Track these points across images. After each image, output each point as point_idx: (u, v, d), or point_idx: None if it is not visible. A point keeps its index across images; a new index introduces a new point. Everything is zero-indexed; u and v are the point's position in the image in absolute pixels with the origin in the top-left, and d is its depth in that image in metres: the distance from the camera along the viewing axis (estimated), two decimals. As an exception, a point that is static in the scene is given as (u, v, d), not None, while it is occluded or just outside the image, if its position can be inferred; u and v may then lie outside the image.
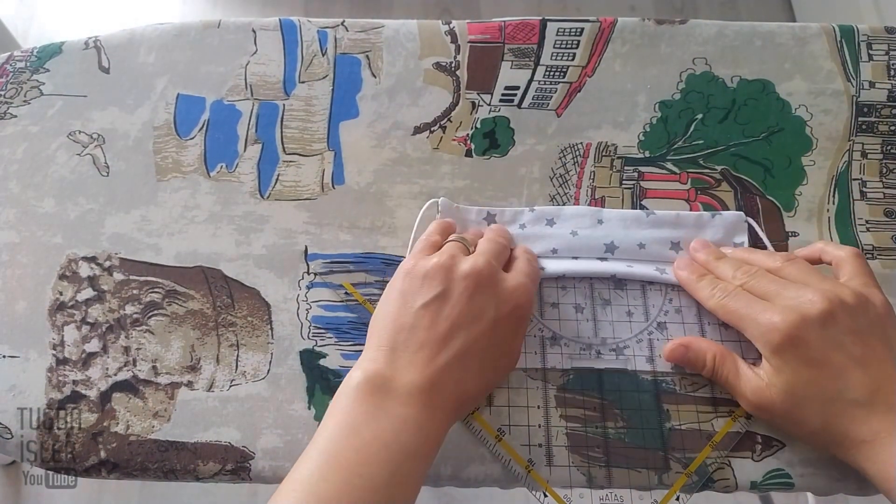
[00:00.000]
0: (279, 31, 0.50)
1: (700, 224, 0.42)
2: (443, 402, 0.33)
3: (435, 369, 0.33)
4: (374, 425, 0.31)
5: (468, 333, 0.34)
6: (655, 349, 0.39)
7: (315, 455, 0.30)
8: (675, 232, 0.41)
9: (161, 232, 0.43)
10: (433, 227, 0.40)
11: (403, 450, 0.30)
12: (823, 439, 0.33)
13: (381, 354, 0.34)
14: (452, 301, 0.34)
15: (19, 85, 0.48)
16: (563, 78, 0.48)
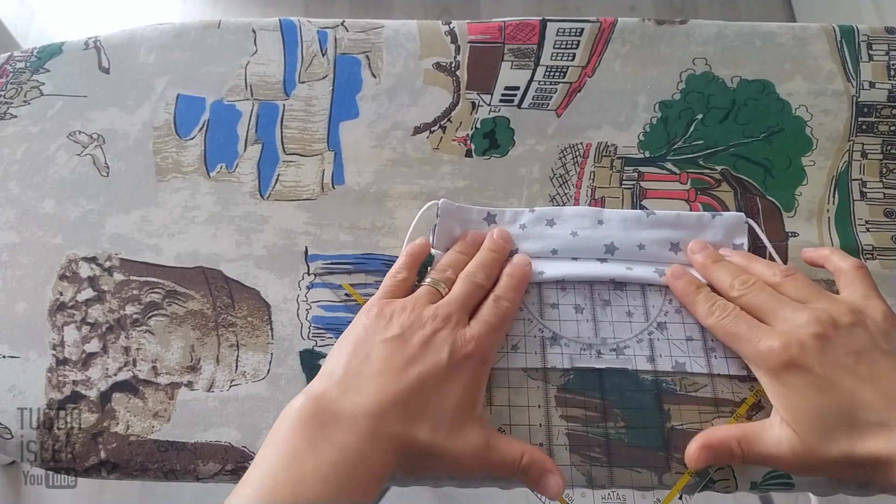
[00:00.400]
0: (279, 31, 0.50)
1: (700, 225, 0.42)
2: (388, 436, 0.31)
3: (385, 397, 0.32)
4: (315, 455, 0.30)
5: (422, 371, 0.33)
6: (656, 349, 0.39)
7: (251, 491, 0.29)
8: (675, 233, 0.41)
9: (161, 232, 0.43)
10: (401, 263, 0.40)
11: (340, 485, 0.29)
12: (855, 470, 0.32)
13: (332, 379, 0.33)
14: (411, 342, 0.34)
15: (19, 85, 0.48)
16: (563, 78, 0.48)
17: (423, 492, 0.97)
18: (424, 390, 0.33)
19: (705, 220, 0.42)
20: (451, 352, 0.34)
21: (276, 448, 0.31)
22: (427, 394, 0.33)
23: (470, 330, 0.36)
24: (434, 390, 0.33)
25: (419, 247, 0.41)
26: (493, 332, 0.36)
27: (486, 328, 0.36)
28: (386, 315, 0.36)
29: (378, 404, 0.32)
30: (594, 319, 0.40)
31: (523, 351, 0.39)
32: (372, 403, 0.32)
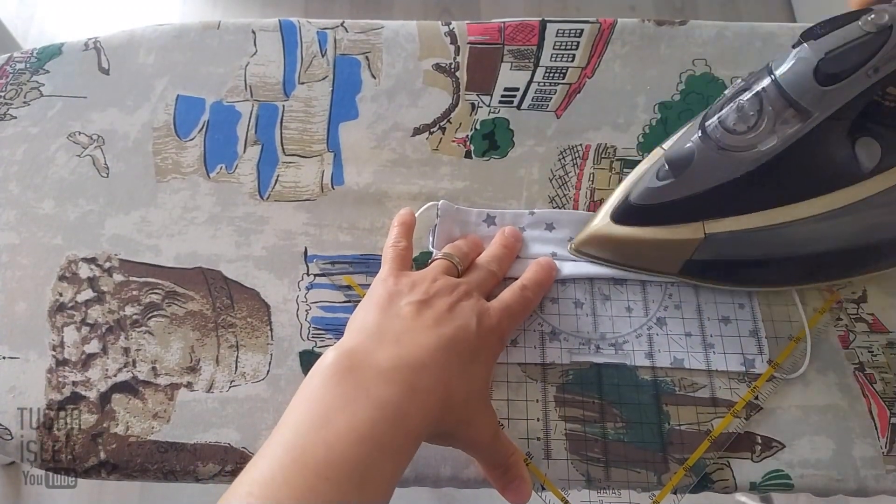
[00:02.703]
0: (279, 32, 0.50)
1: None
2: (428, 389, 0.29)
3: (420, 349, 0.31)
4: (350, 412, 0.27)
5: (454, 333, 0.32)
6: (655, 344, 0.39)
7: (279, 451, 0.27)
8: None
9: (161, 233, 0.43)
10: (397, 233, 0.39)
11: (379, 445, 0.27)
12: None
13: (362, 335, 0.32)
14: (437, 306, 0.34)
15: (19, 86, 0.49)
16: (562, 79, 0.48)
17: (422, 492, 0.97)
18: (460, 352, 0.32)
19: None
20: (479, 321, 0.34)
21: (306, 406, 0.28)
22: (462, 356, 0.32)
23: (493, 307, 0.35)
24: (466, 356, 0.32)
25: (408, 214, 0.40)
26: (512, 318, 0.36)
27: (507, 311, 0.36)
28: (406, 283, 0.35)
29: (418, 357, 0.30)
30: (594, 314, 0.40)
31: (522, 345, 0.39)
32: (412, 356, 0.30)
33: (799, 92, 0.32)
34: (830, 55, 0.31)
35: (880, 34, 0.30)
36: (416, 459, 0.36)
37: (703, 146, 0.34)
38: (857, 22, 0.31)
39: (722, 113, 0.34)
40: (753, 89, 0.33)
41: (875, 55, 0.30)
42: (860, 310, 0.40)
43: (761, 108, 0.33)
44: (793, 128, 0.32)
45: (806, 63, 0.31)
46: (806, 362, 0.38)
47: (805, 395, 0.38)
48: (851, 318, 0.40)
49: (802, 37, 0.32)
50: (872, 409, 0.37)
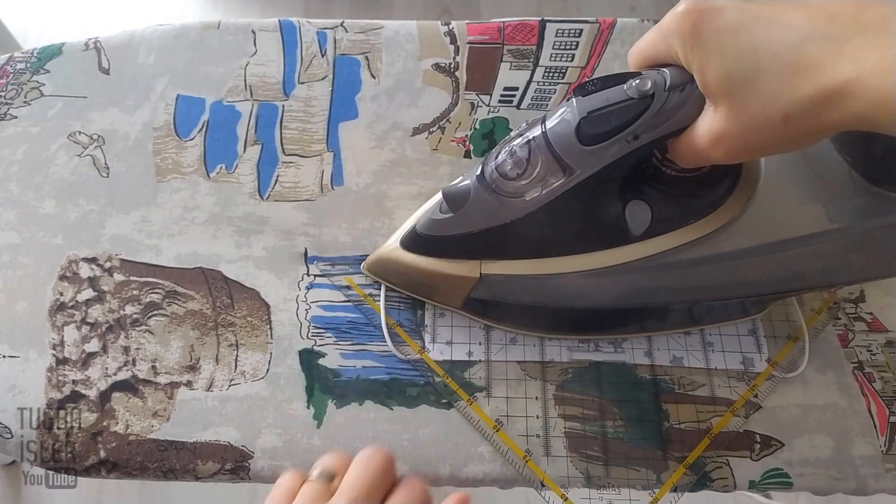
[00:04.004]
0: (279, 31, 0.50)
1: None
2: None
3: None
4: None
5: None
6: (654, 342, 0.39)
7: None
8: None
9: (161, 233, 0.43)
10: (286, 479, 0.29)
11: None
12: (797, 124, 0.25)
13: None
14: None
15: (20, 86, 0.49)
16: (562, 79, 0.48)
17: (422, 492, 0.97)
18: None
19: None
20: None
21: None
22: None
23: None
24: None
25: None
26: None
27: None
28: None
29: None
30: (593, 314, 0.40)
31: (521, 343, 0.39)
32: None
33: (562, 147, 0.31)
34: (592, 115, 0.30)
35: (641, 101, 0.29)
36: (414, 457, 0.36)
37: (478, 186, 0.34)
38: (622, 85, 0.30)
39: (499, 156, 0.33)
40: (526, 136, 0.32)
41: (635, 122, 0.29)
42: (859, 309, 0.40)
43: (530, 157, 0.32)
44: (558, 181, 0.32)
45: (569, 120, 0.31)
46: (804, 361, 0.38)
47: (804, 393, 0.38)
48: (850, 317, 0.40)
49: (574, 91, 0.31)
50: (871, 408, 0.38)
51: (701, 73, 0.27)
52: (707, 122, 0.28)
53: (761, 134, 0.26)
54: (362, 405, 0.38)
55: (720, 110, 0.27)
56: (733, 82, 0.26)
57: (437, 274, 0.37)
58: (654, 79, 0.29)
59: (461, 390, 0.38)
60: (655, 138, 0.30)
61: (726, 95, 0.26)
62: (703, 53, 0.26)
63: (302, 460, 0.36)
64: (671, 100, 0.29)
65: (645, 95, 0.29)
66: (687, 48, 0.27)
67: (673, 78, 0.29)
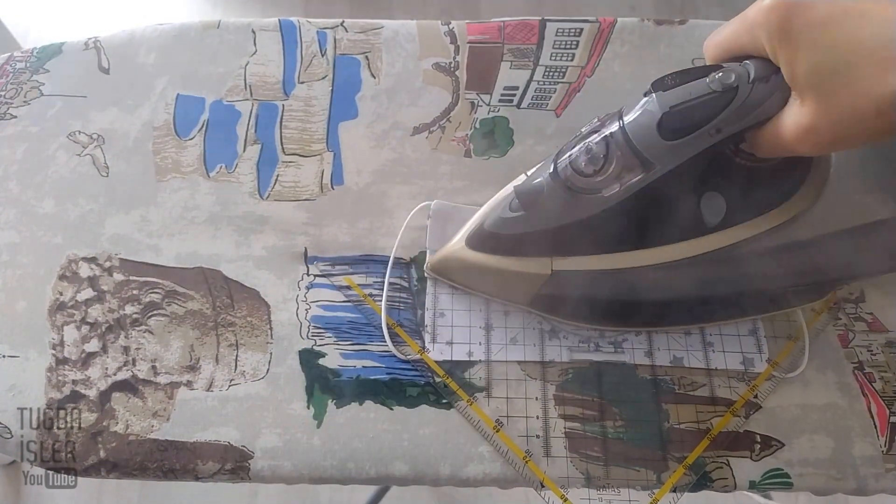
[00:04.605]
0: (279, 31, 0.50)
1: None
2: None
3: None
4: None
5: None
6: (654, 342, 0.39)
7: None
8: None
9: (161, 233, 0.43)
10: None
11: None
12: (889, 117, 0.25)
13: None
14: None
15: (19, 85, 0.49)
16: (562, 78, 0.48)
17: (422, 491, 0.97)
18: None
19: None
20: None
21: None
22: None
23: None
24: None
25: None
26: None
27: None
28: None
29: None
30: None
31: (522, 343, 0.39)
32: None
33: (642, 143, 0.31)
34: (675, 110, 0.30)
35: (725, 94, 0.29)
36: (414, 457, 0.36)
37: (552, 184, 0.34)
38: (704, 79, 0.29)
39: (573, 152, 0.33)
40: (602, 133, 0.32)
41: (718, 115, 0.29)
42: (859, 309, 0.40)
43: (608, 154, 0.32)
44: (636, 177, 0.32)
45: (651, 115, 0.30)
46: (804, 361, 0.38)
47: (804, 394, 0.38)
48: (850, 317, 0.40)
49: (653, 86, 0.31)
50: (872, 408, 0.37)
51: (790, 66, 0.27)
52: (794, 115, 0.28)
53: (851, 128, 0.26)
54: (362, 405, 0.38)
55: (808, 103, 0.27)
56: (823, 76, 0.26)
57: (505, 272, 0.37)
58: (737, 71, 0.29)
59: (461, 390, 0.38)
60: (738, 131, 0.29)
61: (815, 89, 0.26)
62: (792, 47, 0.26)
63: (302, 460, 0.36)
64: (755, 92, 0.29)
65: (729, 88, 0.29)
66: (774, 41, 0.27)
67: (757, 70, 0.29)
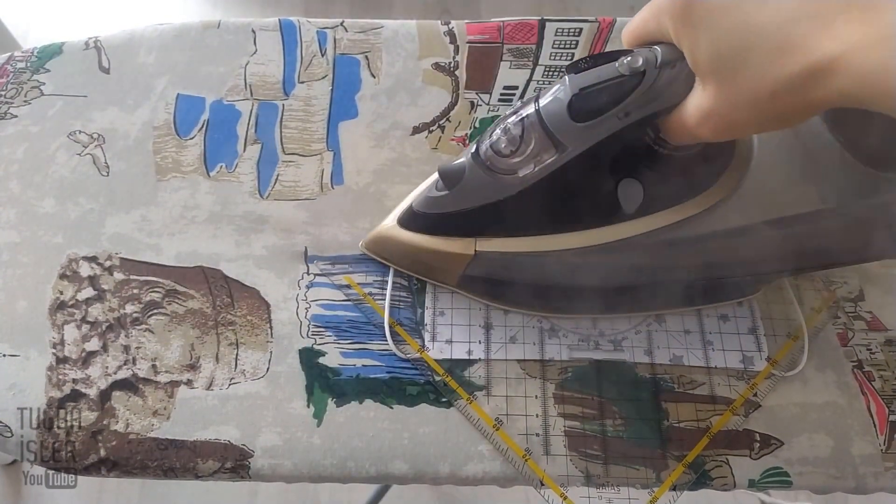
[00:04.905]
0: (279, 31, 0.50)
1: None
2: None
3: None
4: None
5: None
6: (654, 341, 0.39)
7: None
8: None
9: (161, 232, 0.43)
10: None
11: None
12: (783, 101, 0.25)
13: None
14: None
15: (20, 85, 0.49)
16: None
17: (422, 490, 0.97)
18: None
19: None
20: None
21: None
22: None
23: None
24: None
25: None
26: None
27: None
28: None
29: None
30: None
31: (521, 342, 0.39)
32: None
33: (555, 124, 0.31)
34: (584, 92, 0.30)
35: (632, 78, 0.29)
36: (414, 456, 0.36)
37: (473, 164, 0.34)
38: (614, 62, 0.30)
39: (493, 133, 0.33)
40: (520, 114, 0.33)
41: (626, 98, 0.29)
42: (858, 308, 0.40)
43: (523, 134, 0.32)
44: (550, 158, 0.32)
45: (563, 96, 0.31)
46: (803, 360, 0.38)
47: (804, 392, 0.38)
48: (850, 316, 0.40)
49: (567, 68, 0.31)
50: (871, 407, 0.38)
51: (691, 51, 0.27)
52: (696, 100, 0.28)
53: (748, 111, 0.26)
54: (362, 404, 0.38)
55: (709, 88, 0.27)
56: (722, 60, 0.26)
57: (432, 251, 0.37)
58: (645, 56, 0.29)
59: (461, 389, 0.38)
60: (646, 115, 0.30)
61: (715, 73, 0.27)
62: (693, 32, 0.27)
63: (302, 459, 0.36)
64: (662, 77, 0.29)
65: (636, 72, 0.29)
66: (678, 26, 0.27)
67: (664, 55, 0.29)
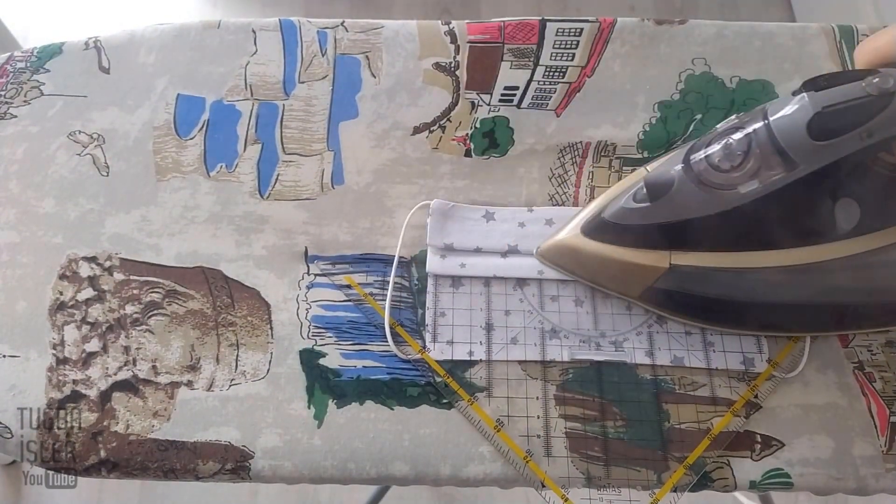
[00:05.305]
0: (279, 31, 0.50)
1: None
2: None
3: None
4: None
5: None
6: (655, 342, 0.39)
7: None
8: None
9: (161, 232, 0.43)
10: None
11: None
12: None
13: None
14: None
15: (20, 85, 0.49)
16: (562, 78, 0.48)
17: (422, 491, 0.97)
18: None
19: None
20: None
21: None
22: None
23: None
24: None
25: None
26: None
27: None
28: None
29: None
30: (594, 312, 0.40)
31: (522, 343, 0.39)
32: None
33: (789, 141, 0.31)
34: (827, 110, 0.30)
35: (881, 98, 0.29)
36: (415, 458, 0.36)
37: (683, 177, 0.34)
38: (860, 82, 0.29)
39: (709, 147, 0.33)
40: (745, 129, 0.32)
41: (872, 119, 0.29)
42: (860, 308, 0.40)
43: (748, 150, 0.32)
44: (776, 176, 0.32)
45: (802, 114, 0.30)
46: (803, 361, 0.38)
47: (805, 393, 0.38)
48: (851, 316, 0.40)
49: (804, 86, 0.31)
50: (872, 408, 0.38)
51: None
52: None
53: None
54: (363, 405, 0.38)
55: None
56: None
57: (621, 263, 0.37)
58: (895, 77, 0.29)
59: (462, 390, 0.38)
60: (889, 136, 0.29)
61: None
62: None
63: (302, 460, 0.36)
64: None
65: (885, 93, 0.29)
66: None
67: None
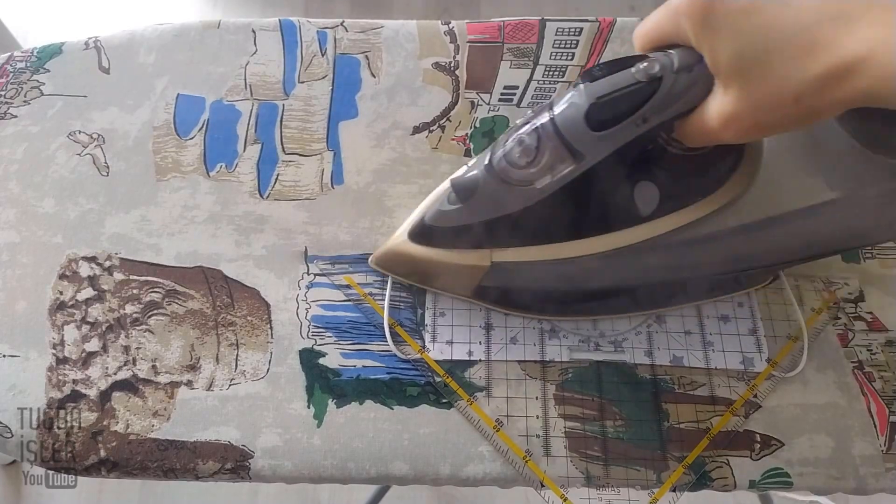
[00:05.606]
0: (279, 31, 0.50)
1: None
2: None
3: None
4: None
5: None
6: (654, 342, 0.39)
7: None
8: None
9: (161, 232, 0.43)
10: None
11: None
12: (807, 102, 0.25)
13: None
14: None
15: (20, 85, 0.49)
16: (562, 77, 0.48)
17: (422, 491, 0.97)
18: None
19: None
20: None
21: None
22: None
23: None
24: None
25: None
26: None
27: None
28: None
29: None
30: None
31: (522, 343, 0.39)
32: None
33: (571, 134, 0.31)
34: (601, 101, 0.30)
35: (650, 84, 0.29)
36: (415, 457, 0.36)
37: (487, 176, 0.34)
38: (630, 69, 0.29)
39: (507, 144, 0.33)
40: (534, 124, 0.32)
41: (644, 105, 0.29)
42: (859, 308, 0.40)
43: (539, 145, 0.32)
44: (567, 168, 0.32)
45: (578, 106, 0.30)
46: (803, 361, 0.38)
47: (804, 393, 0.38)
48: (850, 316, 0.40)
49: (581, 77, 0.31)
50: (871, 408, 0.38)
51: (712, 54, 0.27)
52: (717, 104, 0.28)
53: (772, 113, 0.27)
54: (362, 405, 0.38)
55: (731, 91, 0.27)
56: (745, 63, 0.26)
57: (447, 265, 0.37)
58: (661, 61, 0.29)
59: (461, 390, 0.38)
60: (664, 120, 0.30)
61: (738, 76, 0.26)
62: (714, 35, 0.26)
63: (302, 460, 0.36)
64: (680, 82, 0.29)
65: (653, 78, 0.29)
66: (698, 29, 0.27)
67: (681, 59, 0.29)
